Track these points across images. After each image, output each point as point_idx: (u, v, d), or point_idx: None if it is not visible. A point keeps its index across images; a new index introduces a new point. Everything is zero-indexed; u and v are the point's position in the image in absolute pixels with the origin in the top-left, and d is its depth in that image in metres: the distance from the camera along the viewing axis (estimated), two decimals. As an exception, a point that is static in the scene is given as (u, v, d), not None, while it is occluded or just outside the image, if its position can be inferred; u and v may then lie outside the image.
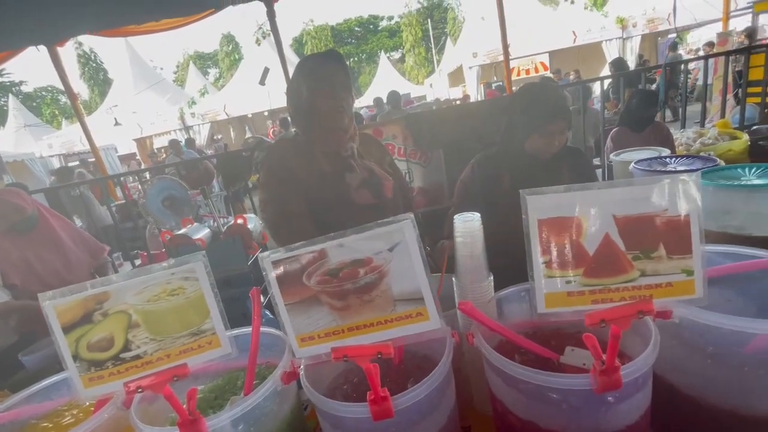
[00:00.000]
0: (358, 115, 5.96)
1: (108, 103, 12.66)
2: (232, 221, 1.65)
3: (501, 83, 10.19)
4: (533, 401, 0.61)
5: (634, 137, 2.71)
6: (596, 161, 3.68)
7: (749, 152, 2.56)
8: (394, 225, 0.51)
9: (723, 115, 3.48)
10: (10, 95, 16.47)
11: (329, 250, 0.52)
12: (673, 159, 1.71)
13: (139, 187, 5.57)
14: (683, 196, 0.48)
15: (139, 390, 0.53)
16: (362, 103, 16.76)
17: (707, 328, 0.62)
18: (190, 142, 8.52)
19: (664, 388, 0.72)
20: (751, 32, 4.82)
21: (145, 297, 0.54)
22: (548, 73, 11.39)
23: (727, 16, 4.67)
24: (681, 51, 11.92)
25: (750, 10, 6.37)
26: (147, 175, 4.80)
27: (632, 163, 1.72)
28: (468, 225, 0.83)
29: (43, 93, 32.22)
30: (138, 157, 13.67)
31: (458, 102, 11.23)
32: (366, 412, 0.51)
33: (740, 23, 7.60)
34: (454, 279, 0.90)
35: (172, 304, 0.55)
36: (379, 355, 0.49)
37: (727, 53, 3.85)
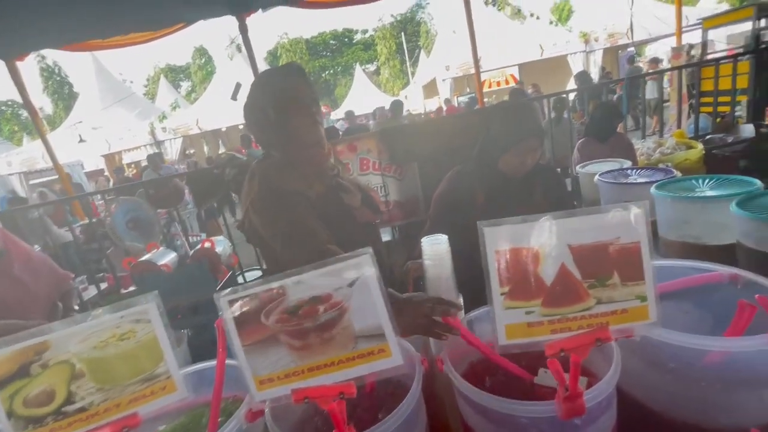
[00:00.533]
0: (333, 128, 5.94)
1: (73, 119, 12.18)
2: (200, 244, 1.59)
3: (474, 94, 10.45)
4: (502, 428, 0.61)
5: (599, 147, 2.82)
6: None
7: (704, 161, 2.71)
8: (352, 260, 0.50)
9: (679, 125, 3.68)
10: (-34, 111, 15.64)
11: (288, 288, 0.51)
12: (635, 171, 1.78)
13: (105, 205, 5.36)
14: (633, 224, 0.49)
15: (85, 444, 0.49)
16: (338, 115, 16.79)
17: (665, 344, 0.64)
18: (158, 157, 8.26)
19: (630, 404, 0.73)
20: (688, 50, 5.19)
21: (91, 343, 0.50)
22: (517, 86, 11.78)
23: (679, 32, 4.97)
24: (640, 63, 12.61)
25: (699, 25, 6.82)
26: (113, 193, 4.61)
27: (597, 176, 1.78)
28: (436, 248, 0.83)
29: (3, 108, 30.72)
30: (106, 173, 13.17)
31: (432, 114, 11.42)
32: (332, 453, 0.49)
33: (692, 38, 8.14)
34: (424, 301, 0.89)
35: (121, 349, 0.51)
36: (342, 395, 0.48)
37: (681, 67, 4.11)
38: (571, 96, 4.47)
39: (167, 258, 1.48)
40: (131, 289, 2.24)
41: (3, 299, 1.63)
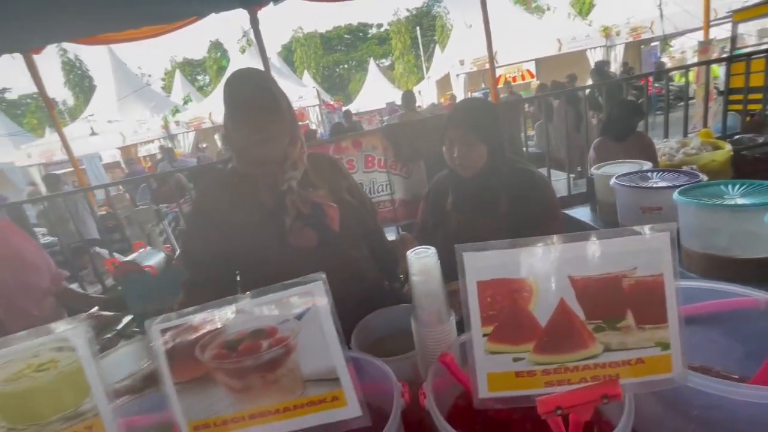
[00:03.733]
0: (339, 125, 5.80)
1: (90, 112, 12.41)
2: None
3: (488, 90, 10.22)
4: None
5: (616, 147, 2.67)
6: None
7: (732, 162, 2.53)
8: (301, 287, 0.41)
9: (705, 124, 3.47)
10: (-8, 104, 16.18)
11: (225, 318, 0.43)
12: (656, 173, 1.64)
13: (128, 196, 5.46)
14: (656, 251, 0.39)
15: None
16: (354, 109, 16.67)
17: (689, 390, 0.53)
18: (167, 151, 8.31)
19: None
20: (704, 46, 4.90)
21: (1, 376, 0.43)
22: (535, 81, 11.48)
23: (707, 25, 4.71)
24: (665, 59, 12.12)
25: (729, 18, 6.46)
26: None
27: (613, 178, 1.65)
28: (423, 261, 0.74)
29: (28, 101, 31.66)
30: (123, 165, 13.39)
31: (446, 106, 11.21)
32: None
33: (720, 32, 7.76)
34: (412, 319, 0.81)
35: (38, 382, 0.44)
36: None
37: (709, 62, 3.88)
38: (587, 91, 4.28)
39: (153, 259, 1.41)
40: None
41: (6, 286, 1.61)
